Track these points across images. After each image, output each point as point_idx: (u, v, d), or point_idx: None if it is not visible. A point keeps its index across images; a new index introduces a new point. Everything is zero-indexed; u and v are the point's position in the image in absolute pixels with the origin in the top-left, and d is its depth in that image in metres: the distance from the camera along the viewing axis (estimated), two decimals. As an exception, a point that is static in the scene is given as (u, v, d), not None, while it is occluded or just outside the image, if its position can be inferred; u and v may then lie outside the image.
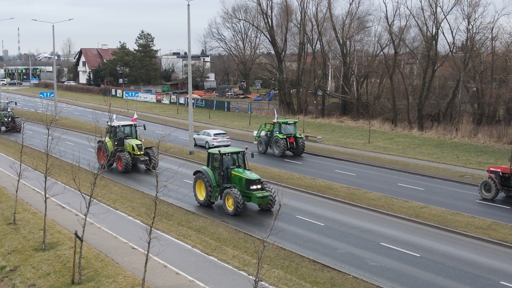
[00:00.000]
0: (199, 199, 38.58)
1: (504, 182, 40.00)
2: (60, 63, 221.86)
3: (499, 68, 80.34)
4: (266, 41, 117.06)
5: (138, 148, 50.25)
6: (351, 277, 25.80)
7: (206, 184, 37.50)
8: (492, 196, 40.01)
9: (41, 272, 25.79)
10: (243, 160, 38.46)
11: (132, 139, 51.29)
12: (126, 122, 54.72)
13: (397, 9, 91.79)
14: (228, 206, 36.33)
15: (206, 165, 38.87)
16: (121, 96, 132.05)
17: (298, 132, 59.72)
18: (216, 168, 37.70)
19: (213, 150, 38.53)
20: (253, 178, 36.83)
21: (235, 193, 35.81)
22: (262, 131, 61.33)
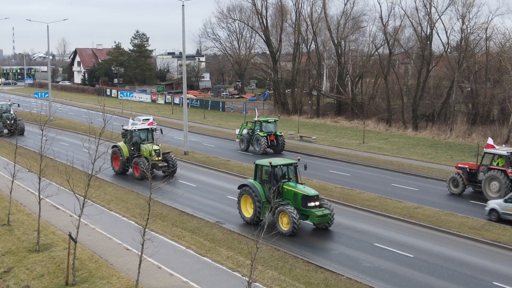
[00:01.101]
0: (245, 216, 34.44)
1: (471, 178, 41.91)
2: (55, 63, 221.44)
3: (493, 68, 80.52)
4: (261, 41, 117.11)
5: (156, 153, 47.00)
6: (345, 278, 25.86)
7: (254, 199, 33.49)
8: (459, 191, 41.82)
9: (35, 273, 25.78)
10: (295, 172, 34.44)
11: (149, 144, 48.25)
12: (143, 126, 52.60)
13: (391, 9, 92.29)
14: (283, 225, 32.23)
15: (253, 178, 34.83)
16: (116, 96, 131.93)
17: (278, 130, 61.37)
18: (266, 182, 33.85)
19: (263, 162, 34.49)
20: (311, 194, 32.74)
21: (291, 211, 31.76)
22: (244, 129, 63.05)
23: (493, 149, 41.56)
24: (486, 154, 41.73)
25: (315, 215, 32.23)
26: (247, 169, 49.99)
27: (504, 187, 39.12)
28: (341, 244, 31.17)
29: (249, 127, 62.55)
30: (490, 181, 40.34)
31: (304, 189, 33.13)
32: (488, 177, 40.35)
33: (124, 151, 47.88)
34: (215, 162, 54.08)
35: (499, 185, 39.66)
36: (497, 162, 40.78)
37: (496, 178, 39.79)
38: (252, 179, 34.91)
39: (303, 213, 32.63)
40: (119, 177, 46.94)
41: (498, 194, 39.12)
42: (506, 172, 39.40)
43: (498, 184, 39.76)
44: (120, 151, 48.10)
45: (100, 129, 24.45)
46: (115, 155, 48.88)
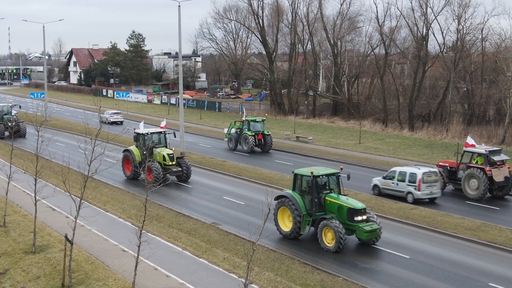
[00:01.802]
0: (283, 230, 31.99)
1: (451, 175, 43.12)
2: (51, 63, 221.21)
3: (489, 68, 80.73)
4: (257, 41, 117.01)
5: (170, 158, 45.43)
6: (341, 279, 25.90)
7: (294, 212, 31.00)
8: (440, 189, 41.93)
9: (31, 275, 25.76)
10: (337, 183, 32.07)
11: (162, 148, 46.58)
12: (155, 129, 50.12)
13: (387, 9, 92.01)
14: (327, 241, 29.75)
15: (292, 189, 32.32)
16: (112, 97, 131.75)
17: (266, 130, 62.42)
18: (306, 193, 31.42)
19: (303, 171, 31.94)
20: (358, 207, 30.18)
21: (337, 226, 29.22)
22: (232, 129, 63.93)
23: (473, 147, 42.69)
24: (466, 152, 42.87)
25: (363, 230, 29.69)
26: (243, 170, 50.08)
27: (483, 184, 40.19)
28: (338, 245, 31.17)
29: (237, 127, 63.55)
30: (469, 179, 41.38)
31: (350, 202, 30.64)
32: (467, 174, 41.39)
33: (136, 155, 45.99)
34: (212, 162, 54.07)
35: (477, 182, 40.69)
36: (476, 161, 42.10)
37: (475, 175, 40.80)
38: (290, 190, 32.40)
39: (348, 227, 30.03)
40: (115, 178, 46.83)
41: (477, 191, 40.52)
42: (485, 170, 40.42)
43: (476, 182, 40.79)
44: (131, 156, 46.31)
45: (96, 130, 24.42)
46: (127, 159, 47.17)
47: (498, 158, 41.61)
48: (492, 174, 40.38)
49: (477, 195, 40.65)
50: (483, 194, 40.57)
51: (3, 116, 70.79)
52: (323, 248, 29.69)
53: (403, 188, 40.45)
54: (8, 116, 70.37)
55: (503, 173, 40.98)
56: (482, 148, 42.80)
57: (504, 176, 40.97)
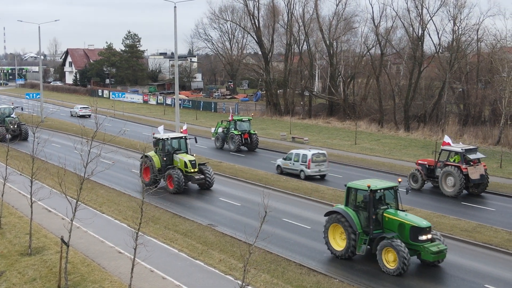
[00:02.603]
0: (335, 249, 29.29)
1: (430, 173, 44.43)
2: (46, 63, 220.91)
3: (485, 69, 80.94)
4: (253, 41, 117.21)
5: (192, 164, 43.52)
6: (337, 281, 25.90)
7: (348, 230, 28.30)
8: (419, 186, 44.38)
9: (27, 277, 25.70)
10: (396, 198, 29.06)
11: (183, 154, 44.52)
12: (175, 134, 47.90)
13: (383, 10, 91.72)
14: (388, 263, 26.98)
15: (344, 204, 29.56)
16: (108, 97, 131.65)
17: (252, 129, 63.99)
18: (362, 209, 28.67)
19: (358, 184, 29.11)
20: (423, 226, 27.39)
21: (400, 247, 26.33)
22: (220, 128, 65.30)
23: (449, 146, 43.88)
24: (443, 151, 44.06)
25: (429, 251, 27.00)
26: (239, 171, 50.09)
27: (459, 182, 41.51)
28: (334, 246, 31.18)
29: (224, 126, 64.93)
30: (446, 176, 42.67)
31: (412, 219, 27.85)
32: (444, 172, 42.67)
33: (156, 162, 43.85)
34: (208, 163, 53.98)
35: (454, 180, 41.98)
36: (453, 159, 43.09)
37: (452, 173, 42.12)
38: (343, 205, 29.64)
39: (411, 247, 27.26)
40: (112, 179, 46.69)
41: (453, 189, 41.85)
42: (461, 167, 41.76)
43: (453, 179, 42.07)
44: (151, 162, 44.06)
45: (92, 131, 24.36)
46: (145, 166, 44.69)
47: (474, 156, 43.02)
48: (468, 172, 41.67)
49: (453, 192, 41.93)
50: (459, 191, 41.74)
51: (4, 119, 69.38)
52: (383, 271, 27.00)
53: (297, 167, 48.28)
54: (9, 119, 69.08)
55: (479, 171, 42.29)
56: (459, 146, 44.00)
57: (480, 174, 42.29)
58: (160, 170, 43.36)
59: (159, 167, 43.59)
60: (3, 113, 70.53)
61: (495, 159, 55.58)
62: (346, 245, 28.52)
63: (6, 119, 69.04)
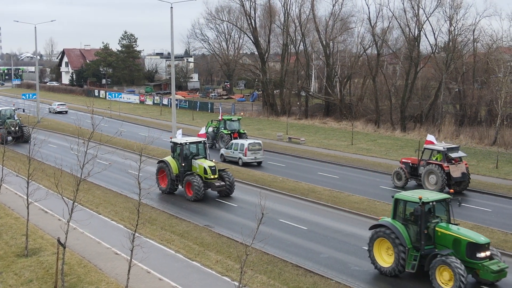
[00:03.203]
0: (382, 265, 27.09)
1: (413, 171, 45.34)
2: (42, 63, 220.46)
3: (481, 69, 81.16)
4: (249, 42, 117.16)
5: (212, 171, 41.28)
6: (334, 282, 25.91)
7: (397, 246, 26.10)
8: (402, 184, 45.24)
9: (24, 278, 25.65)
10: (447, 210, 26.99)
11: (202, 160, 42.40)
12: (194, 138, 45.44)
13: (379, 10, 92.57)
14: (443, 282, 24.81)
15: (392, 217, 27.28)
16: (104, 97, 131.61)
17: (241, 128, 65.42)
18: (411, 222, 26.43)
19: (407, 196, 26.90)
20: (481, 242, 25.22)
21: (457, 265, 24.22)
22: (210, 127, 66.12)
23: (432, 145, 44.87)
24: (426, 149, 44.91)
25: (489, 270, 24.85)
26: (236, 172, 49.99)
27: (441, 180, 42.51)
28: (330, 247, 31.21)
29: (214, 125, 66.08)
30: (428, 174, 43.60)
31: (469, 234, 25.75)
32: (427, 170, 43.61)
33: (173, 168, 42.03)
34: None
35: (436, 178, 42.99)
36: (436, 157, 44.16)
37: (434, 171, 43.08)
38: (390, 218, 27.47)
39: (467, 265, 25.03)
40: (108, 180, 46.58)
41: (435, 186, 42.47)
42: (442, 166, 42.77)
43: (435, 177, 43.08)
44: (168, 168, 42.23)
45: (89, 131, 24.32)
46: (162, 171, 43.00)
47: (455, 155, 43.89)
48: (449, 170, 42.67)
49: (435, 189, 41.93)
50: (441, 189, 42.06)
51: (6, 120, 67.84)
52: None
53: (236, 155, 54.31)
54: (11, 120, 67.68)
55: (460, 169, 43.27)
56: (441, 145, 44.95)
57: (461, 172, 43.26)
58: (178, 176, 41.90)
59: (176, 173, 41.94)
60: (4, 114, 69.20)
61: (491, 160, 55.68)
62: (394, 261, 26.33)
63: (7, 120, 67.66)
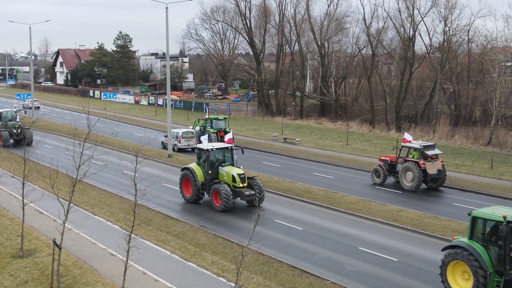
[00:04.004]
0: None
1: (391, 169, 46.54)
2: (37, 63, 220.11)
3: (475, 70, 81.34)
4: (244, 42, 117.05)
5: (241, 179, 38.72)
6: (330, 282, 25.93)
7: (475, 269, 23.25)
8: (381, 181, 46.55)
9: (19, 280, 25.60)
10: None
11: (230, 167, 39.74)
12: (220, 144, 42.64)
13: (374, 11, 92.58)
14: None
15: (469, 237, 24.41)
16: (99, 97, 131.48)
17: (227, 127, 67.08)
18: (493, 244, 23.36)
19: (488, 214, 23.77)
20: None
21: None
22: (197, 126, 68.26)
23: (409, 143, 45.91)
24: (403, 147, 46.13)
25: None
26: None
27: (417, 176, 43.69)
28: (326, 248, 31.25)
29: (201, 124, 67.92)
30: (405, 172, 44.85)
31: None
32: (404, 168, 44.87)
33: (199, 175, 39.68)
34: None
35: (412, 175, 44.15)
36: (412, 155, 45.45)
37: (411, 168, 44.29)
38: (465, 238, 24.79)
39: None
40: (103, 181, 46.49)
41: (412, 183, 44.07)
42: (419, 163, 43.89)
43: (412, 174, 44.25)
44: (193, 175, 39.84)
45: (83, 131, 24.28)
46: (186, 179, 40.87)
47: (432, 152, 44.99)
48: (425, 167, 43.77)
49: (412, 186, 44.12)
50: (418, 185, 43.90)
51: (7, 123, 66.17)
52: None
53: (173, 142, 61.06)
54: (12, 123, 65.85)
55: (436, 166, 44.31)
56: (418, 143, 46.07)
57: (437, 169, 44.31)
58: (204, 185, 39.51)
59: (202, 181, 39.59)
60: (5, 117, 67.39)
61: (486, 160, 55.82)
62: (474, 286, 23.51)
63: (8, 123, 66.02)
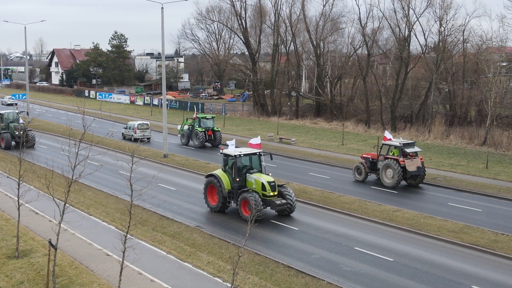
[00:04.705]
0: None
1: (372, 166, 47.78)
2: (32, 63, 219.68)
3: (470, 70, 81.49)
4: (240, 42, 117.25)
5: (271, 187, 36.12)
6: (325, 282, 25.94)
7: None
8: (362, 178, 47.72)
9: (15, 280, 25.55)
10: None
11: (258, 174, 37.23)
12: (248, 149, 39.31)
13: (370, 11, 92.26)
14: None
15: None
16: (94, 98, 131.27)
17: (215, 126, 67.96)
18: None
19: None
20: None
21: None
22: (185, 125, 69.14)
23: (389, 141, 47.43)
24: (384, 145, 47.53)
25: None
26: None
27: (396, 173, 44.98)
28: (322, 248, 31.25)
29: (189, 123, 68.71)
30: (385, 169, 46.06)
31: None
32: (384, 165, 46.03)
33: (225, 183, 37.33)
34: (195, 165, 54.01)
35: (392, 172, 45.38)
36: (393, 153, 46.69)
37: (390, 166, 45.48)
38: None
39: None
40: (99, 181, 46.41)
41: (392, 180, 45.27)
42: (398, 160, 45.13)
43: (392, 171, 45.47)
44: (219, 183, 37.50)
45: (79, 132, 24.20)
46: (212, 187, 38.62)
47: (411, 150, 46.18)
48: (405, 165, 44.95)
49: (392, 183, 45.31)
50: (397, 182, 45.11)
51: (9, 124, 64.23)
52: None
53: (130, 133, 69.96)
54: (15, 124, 63.83)
55: (416, 164, 45.43)
56: (397, 141, 47.53)
57: (417, 166, 45.41)
58: (231, 193, 37.19)
59: (229, 189, 37.24)
60: (7, 118, 65.38)
61: (481, 160, 55.93)
62: None
63: (10, 124, 64.06)
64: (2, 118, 65.34)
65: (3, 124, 64.91)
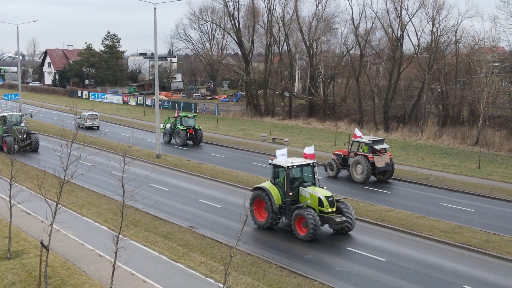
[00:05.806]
0: None
1: (344, 162, 49.56)
2: (24, 63, 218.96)
3: (463, 70, 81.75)
4: (233, 42, 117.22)
5: (329, 202, 32.26)
6: (318, 282, 25.95)
7: None
8: (334, 174, 49.54)
9: (6, 281, 25.46)
10: None
11: (313, 187, 33.38)
12: (300, 159, 35.10)
13: (363, 11, 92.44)
14: None
15: None
16: (87, 98, 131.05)
17: (197, 125, 68.96)
18: None
19: None
20: None
21: None
22: (168, 124, 70.15)
23: (359, 138, 48.94)
24: (354, 142, 49.22)
25: None
26: (219, 173, 50.07)
27: (366, 169, 46.54)
28: (314, 248, 31.21)
29: (171, 122, 69.80)
30: (355, 165, 47.88)
31: None
32: (354, 161, 47.90)
33: (275, 197, 33.40)
34: (188, 165, 53.97)
35: (362, 167, 47.06)
36: (363, 149, 48.35)
37: (360, 162, 47.27)
38: None
39: None
40: (91, 181, 46.28)
41: (361, 175, 46.90)
42: (367, 157, 46.84)
43: (361, 167, 47.17)
44: (269, 197, 33.58)
45: (72, 132, 24.14)
46: (259, 201, 34.58)
47: (380, 146, 47.94)
48: (374, 161, 46.60)
49: (361, 178, 46.98)
50: (366, 177, 46.72)
51: (12, 127, 61.43)
52: None
53: (82, 122, 78.25)
54: (17, 127, 61.28)
55: (384, 160, 47.08)
56: (367, 138, 49.00)
57: (385, 162, 47.09)
58: (282, 208, 33.46)
59: (279, 203, 33.49)
60: (10, 121, 62.54)
61: (473, 160, 56.05)
62: None
63: (13, 127, 61.22)
64: (4, 121, 62.43)
65: (5, 127, 62.10)
